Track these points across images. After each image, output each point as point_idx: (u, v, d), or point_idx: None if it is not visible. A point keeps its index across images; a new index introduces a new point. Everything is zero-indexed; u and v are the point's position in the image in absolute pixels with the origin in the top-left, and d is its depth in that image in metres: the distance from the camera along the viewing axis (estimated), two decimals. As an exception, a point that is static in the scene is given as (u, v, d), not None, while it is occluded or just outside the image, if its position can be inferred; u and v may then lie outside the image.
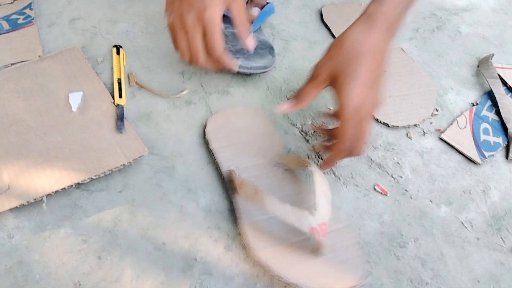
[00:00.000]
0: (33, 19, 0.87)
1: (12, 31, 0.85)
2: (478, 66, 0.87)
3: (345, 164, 0.72)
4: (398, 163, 0.73)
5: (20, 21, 0.87)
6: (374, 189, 0.70)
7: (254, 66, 0.78)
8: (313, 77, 0.63)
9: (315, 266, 0.59)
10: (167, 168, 0.70)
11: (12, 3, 0.90)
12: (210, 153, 0.71)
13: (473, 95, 0.82)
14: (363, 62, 0.59)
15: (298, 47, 0.88)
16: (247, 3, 0.86)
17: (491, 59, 0.85)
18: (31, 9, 0.89)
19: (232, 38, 0.80)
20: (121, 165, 0.67)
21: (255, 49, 0.79)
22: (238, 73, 0.81)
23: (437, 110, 0.79)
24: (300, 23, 0.92)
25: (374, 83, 0.59)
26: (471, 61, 0.88)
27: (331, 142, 0.66)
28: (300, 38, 0.89)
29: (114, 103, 0.75)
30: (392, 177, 0.71)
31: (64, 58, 0.81)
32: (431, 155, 0.74)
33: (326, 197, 0.60)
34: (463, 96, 0.82)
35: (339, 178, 0.71)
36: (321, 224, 0.57)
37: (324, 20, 0.92)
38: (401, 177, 0.71)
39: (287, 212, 0.56)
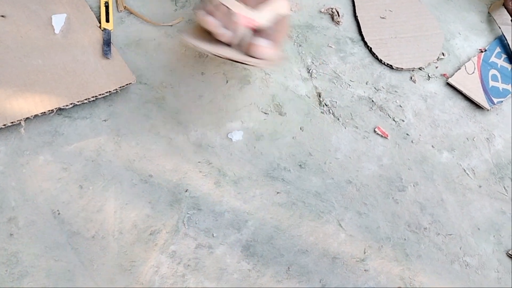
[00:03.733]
0: None
1: None
2: (488, 12, 0.82)
3: (344, 105, 0.68)
4: (401, 106, 0.69)
5: None
6: (374, 131, 0.66)
7: None
8: None
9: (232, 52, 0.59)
10: (156, 98, 0.65)
11: None
12: (203, 85, 0.66)
13: (481, 41, 0.78)
14: None
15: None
16: None
17: (503, 5, 0.80)
18: None
19: None
20: (107, 92, 0.63)
21: None
22: None
23: (443, 55, 0.75)
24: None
25: None
26: (480, 6, 0.83)
27: None
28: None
29: (100, 27, 0.70)
30: (394, 120, 0.68)
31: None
32: (435, 100, 0.70)
33: (273, 11, 0.61)
34: (471, 42, 0.78)
35: (338, 119, 0.67)
36: (250, 18, 0.60)
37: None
38: (403, 120, 0.68)
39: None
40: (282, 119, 0.66)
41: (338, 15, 0.77)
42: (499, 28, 0.79)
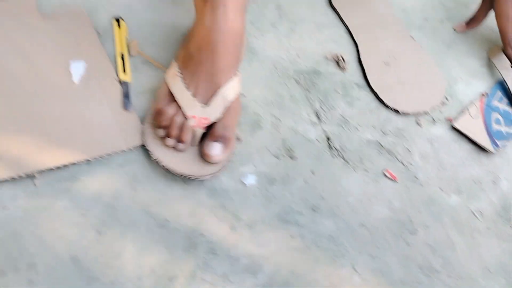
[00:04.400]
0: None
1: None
2: (488, 58, 0.85)
3: (354, 149, 0.70)
4: (408, 149, 0.71)
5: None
6: (384, 174, 0.68)
7: None
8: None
9: (188, 154, 0.64)
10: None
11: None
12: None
13: (483, 86, 0.81)
14: None
15: (306, 29, 0.85)
16: None
17: (502, 50, 0.84)
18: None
19: None
20: (120, 151, 0.64)
21: None
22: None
23: (447, 99, 0.78)
24: (308, 6, 0.90)
25: None
26: (479, 52, 0.87)
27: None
28: (308, 20, 0.87)
29: (118, 79, 0.72)
30: (402, 163, 0.70)
31: (69, 21, 0.75)
32: (441, 143, 0.72)
33: (224, 101, 0.64)
34: (472, 87, 0.81)
35: (348, 162, 0.69)
36: (203, 117, 0.63)
37: (333, 4, 0.90)
38: (411, 163, 0.70)
39: (183, 97, 0.64)
40: (294, 163, 0.67)
41: (344, 61, 0.80)
42: (499, 72, 0.82)
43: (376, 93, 0.77)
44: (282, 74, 0.78)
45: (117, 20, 0.80)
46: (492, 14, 0.83)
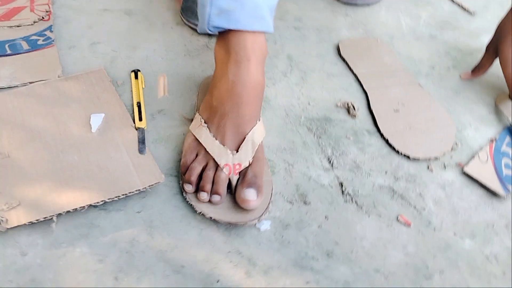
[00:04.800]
0: (53, 40, 0.88)
1: (32, 51, 0.85)
2: (495, 104, 0.87)
3: (367, 194, 0.71)
4: (420, 194, 0.72)
5: (40, 42, 0.87)
6: (398, 219, 0.68)
7: None
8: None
9: (227, 202, 0.66)
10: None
11: (32, 24, 0.90)
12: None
13: (491, 131, 0.82)
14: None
15: (316, 78, 0.88)
16: None
17: (509, 97, 0.86)
18: (51, 31, 0.89)
19: None
20: (136, 190, 0.66)
21: None
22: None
23: (457, 145, 0.79)
24: (317, 56, 0.93)
25: None
26: (487, 99, 0.89)
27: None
28: (318, 70, 0.90)
29: (134, 126, 0.74)
30: (415, 208, 0.70)
31: (89, 79, 0.81)
32: (453, 188, 0.73)
33: (253, 145, 0.67)
34: (481, 132, 0.82)
35: (361, 208, 0.69)
36: (236, 164, 0.66)
37: (341, 54, 0.93)
38: (424, 208, 0.70)
39: (214, 146, 0.66)
40: (307, 208, 0.68)
41: (354, 109, 0.82)
42: (507, 118, 0.83)
43: (386, 139, 0.78)
44: (294, 121, 0.80)
45: (135, 72, 0.83)
46: (497, 62, 0.85)
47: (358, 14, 1.05)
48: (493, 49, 0.87)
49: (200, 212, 0.65)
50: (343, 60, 0.93)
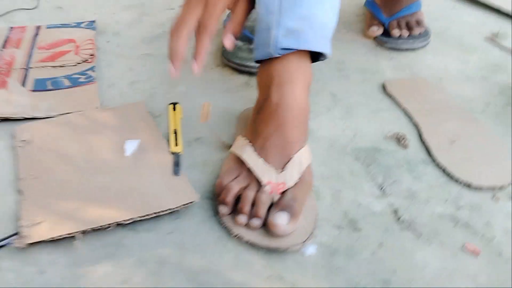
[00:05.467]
0: (94, 79, 0.87)
1: (72, 87, 0.85)
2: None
3: (425, 222, 0.63)
4: (487, 224, 0.63)
5: (81, 80, 0.87)
6: (464, 249, 0.59)
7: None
8: None
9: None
10: (222, 213, 0.62)
11: (75, 65, 0.91)
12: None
13: (562, 163, 0.74)
14: None
15: (362, 113, 0.83)
16: None
17: None
18: (93, 71, 0.90)
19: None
20: (168, 209, 0.60)
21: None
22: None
23: (522, 175, 0.71)
24: (362, 94, 0.89)
25: None
26: (552, 133, 0.81)
27: None
28: (363, 105, 0.86)
29: (170, 151, 0.70)
30: (482, 237, 0.61)
31: (126, 109, 0.79)
32: (525, 219, 0.64)
33: (299, 166, 0.62)
34: (550, 164, 0.73)
35: (420, 235, 0.61)
36: (280, 183, 0.60)
37: (388, 91, 0.89)
38: (494, 237, 0.61)
39: (257, 163, 0.61)
40: (358, 235, 0.60)
41: (405, 140, 0.76)
42: None
43: (444, 168, 0.71)
44: (340, 151, 0.74)
45: (173, 104, 0.81)
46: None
47: (403, 58, 1.02)
48: None
49: (237, 235, 0.58)
50: (390, 97, 0.88)
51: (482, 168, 0.71)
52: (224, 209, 0.60)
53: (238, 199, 0.61)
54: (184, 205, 0.61)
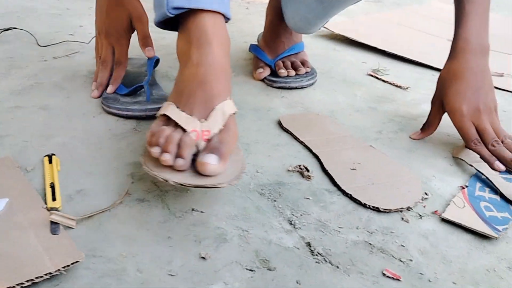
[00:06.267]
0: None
1: None
2: (453, 156, 0.81)
3: (340, 252, 0.58)
4: (403, 245, 0.60)
5: None
6: (383, 274, 0.55)
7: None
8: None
9: (193, 171, 0.59)
10: (114, 271, 0.53)
11: None
12: (171, 250, 0.55)
13: (459, 180, 0.75)
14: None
15: (261, 149, 0.79)
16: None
17: (466, 147, 0.80)
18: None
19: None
20: (46, 274, 0.50)
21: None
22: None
23: (426, 194, 0.70)
24: (258, 131, 0.85)
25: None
26: (443, 153, 0.83)
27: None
28: (261, 141, 0.82)
29: (46, 207, 0.60)
30: (400, 260, 0.58)
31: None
32: (437, 237, 0.62)
33: (223, 114, 0.63)
34: (448, 182, 0.74)
35: (337, 267, 0.56)
36: (204, 130, 0.61)
37: (284, 127, 0.86)
38: (411, 260, 0.58)
39: (181, 116, 0.62)
40: (273, 274, 0.54)
41: (308, 170, 0.73)
42: (471, 166, 0.77)
43: (350, 194, 0.68)
44: (243, 188, 0.69)
45: (49, 156, 0.70)
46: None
47: (293, 95, 1.01)
48: (439, 103, 0.84)
49: (164, 179, 0.57)
50: (286, 131, 0.85)
51: (386, 192, 0.69)
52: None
53: None
54: (65, 267, 0.51)
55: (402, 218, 0.65)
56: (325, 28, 1.43)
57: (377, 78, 1.14)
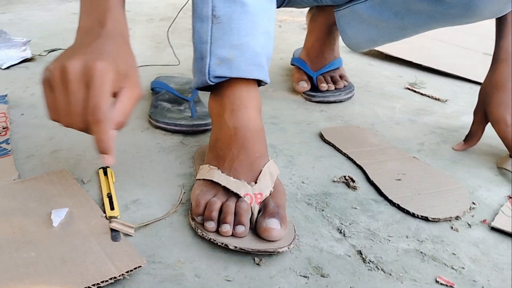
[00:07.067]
0: (9, 151, 0.78)
1: (-16, 163, 0.75)
2: (497, 167, 0.81)
3: (392, 260, 0.59)
4: (454, 254, 0.60)
5: (-6, 154, 0.77)
6: (437, 281, 0.56)
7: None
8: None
9: (250, 235, 0.59)
10: (173, 276, 0.55)
11: (-13, 140, 0.81)
12: (226, 257, 0.57)
13: (505, 190, 0.75)
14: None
15: (305, 161, 0.81)
16: None
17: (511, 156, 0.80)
18: (7, 143, 0.81)
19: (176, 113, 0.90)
20: (111, 278, 0.52)
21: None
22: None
23: (474, 204, 0.70)
24: (301, 143, 0.87)
25: None
26: (488, 163, 0.83)
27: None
28: (305, 153, 0.83)
29: (105, 216, 0.63)
30: (453, 268, 0.58)
31: (50, 178, 0.71)
32: (487, 245, 0.62)
33: (271, 175, 0.63)
34: (495, 192, 0.74)
35: (390, 274, 0.57)
36: (257, 193, 0.61)
37: (326, 139, 0.88)
38: (463, 267, 0.58)
39: (230, 181, 0.61)
40: (327, 281, 0.55)
41: (353, 181, 0.74)
42: (518, 176, 0.77)
43: (397, 204, 0.69)
44: (290, 199, 0.70)
45: (104, 169, 0.73)
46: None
47: (333, 109, 1.03)
48: (482, 114, 0.84)
49: (224, 243, 0.57)
50: (329, 144, 0.87)
51: (434, 202, 0.70)
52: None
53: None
54: (129, 271, 0.53)
55: (452, 227, 0.65)
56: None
57: (414, 91, 1.15)
